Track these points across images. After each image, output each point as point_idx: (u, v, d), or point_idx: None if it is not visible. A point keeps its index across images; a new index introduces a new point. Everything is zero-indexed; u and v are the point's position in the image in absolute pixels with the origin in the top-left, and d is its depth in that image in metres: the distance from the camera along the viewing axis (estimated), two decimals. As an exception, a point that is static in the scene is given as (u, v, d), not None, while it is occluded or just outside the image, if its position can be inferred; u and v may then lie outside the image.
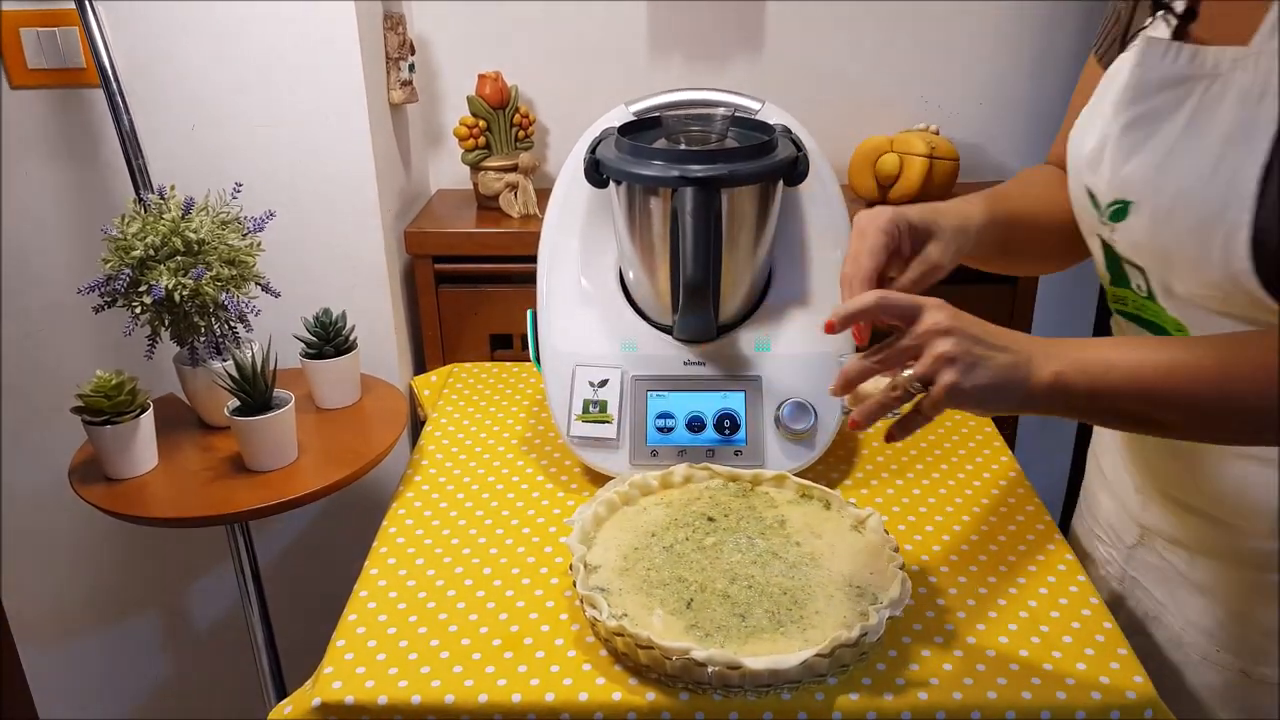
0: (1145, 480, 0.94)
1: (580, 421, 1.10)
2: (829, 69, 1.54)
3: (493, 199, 1.50)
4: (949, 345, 0.73)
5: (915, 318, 0.75)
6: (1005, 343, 0.75)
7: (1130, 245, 0.82)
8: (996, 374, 0.73)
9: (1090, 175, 0.84)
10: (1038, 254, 0.99)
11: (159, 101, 1.31)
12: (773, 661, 0.78)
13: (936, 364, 0.73)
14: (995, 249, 0.93)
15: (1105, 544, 1.03)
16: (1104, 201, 0.82)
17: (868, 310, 0.77)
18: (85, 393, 1.09)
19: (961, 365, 0.73)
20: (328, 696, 0.82)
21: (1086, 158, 0.84)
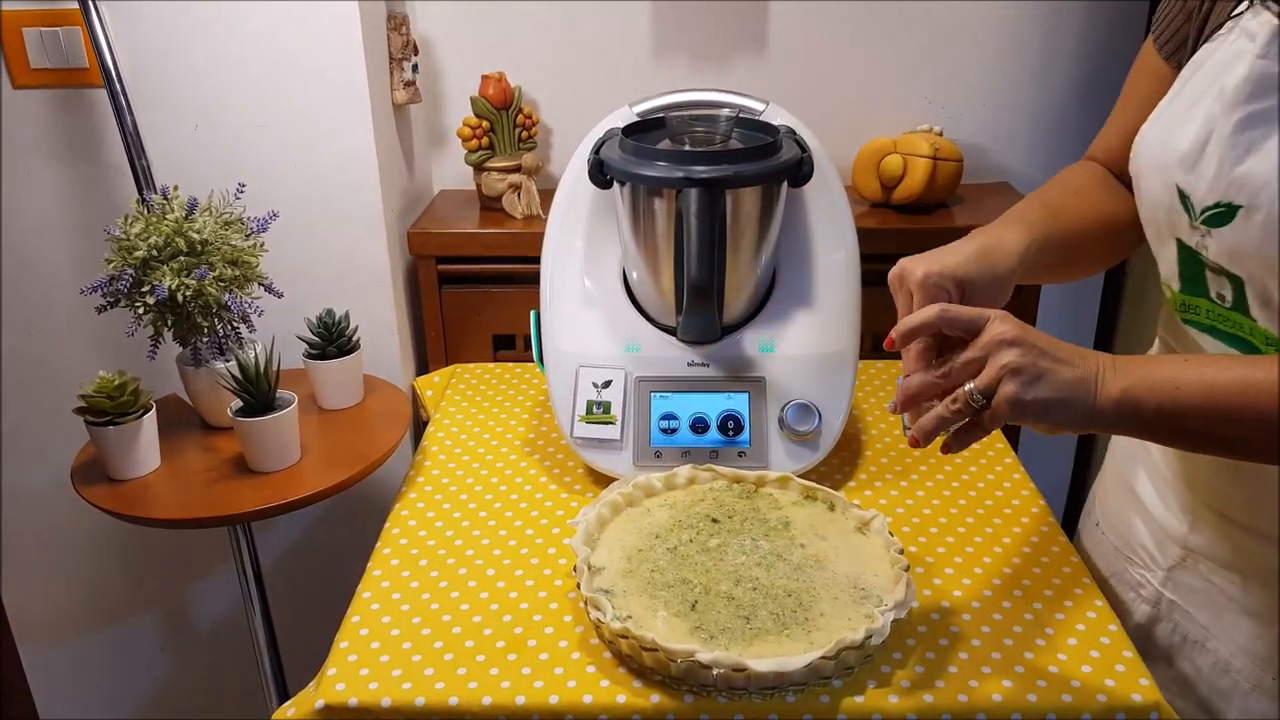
0: (1196, 500, 0.90)
1: (583, 423, 1.10)
2: (833, 70, 1.54)
3: (496, 200, 1.50)
4: (1013, 356, 0.71)
5: (979, 329, 0.74)
6: (1072, 357, 0.73)
7: (1228, 252, 0.76)
8: (1061, 388, 0.71)
9: (1185, 175, 0.78)
10: (1084, 265, 0.96)
11: (162, 101, 1.31)
12: (778, 664, 0.78)
13: (1000, 374, 0.72)
14: (1041, 272, 0.90)
15: (1138, 565, 0.98)
16: (1202, 204, 0.77)
17: (929, 324, 0.75)
18: (88, 393, 1.09)
19: (1025, 377, 0.71)
20: (331, 698, 0.82)
21: (1180, 156, 0.78)
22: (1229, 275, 0.78)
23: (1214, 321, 0.82)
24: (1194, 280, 0.82)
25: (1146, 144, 0.84)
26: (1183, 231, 0.80)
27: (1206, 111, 0.76)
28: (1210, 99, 0.76)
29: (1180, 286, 0.84)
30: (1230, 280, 0.78)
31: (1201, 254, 0.79)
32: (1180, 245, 0.82)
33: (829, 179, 1.13)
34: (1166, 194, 0.80)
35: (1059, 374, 0.72)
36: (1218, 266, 0.78)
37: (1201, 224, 0.78)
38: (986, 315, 0.74)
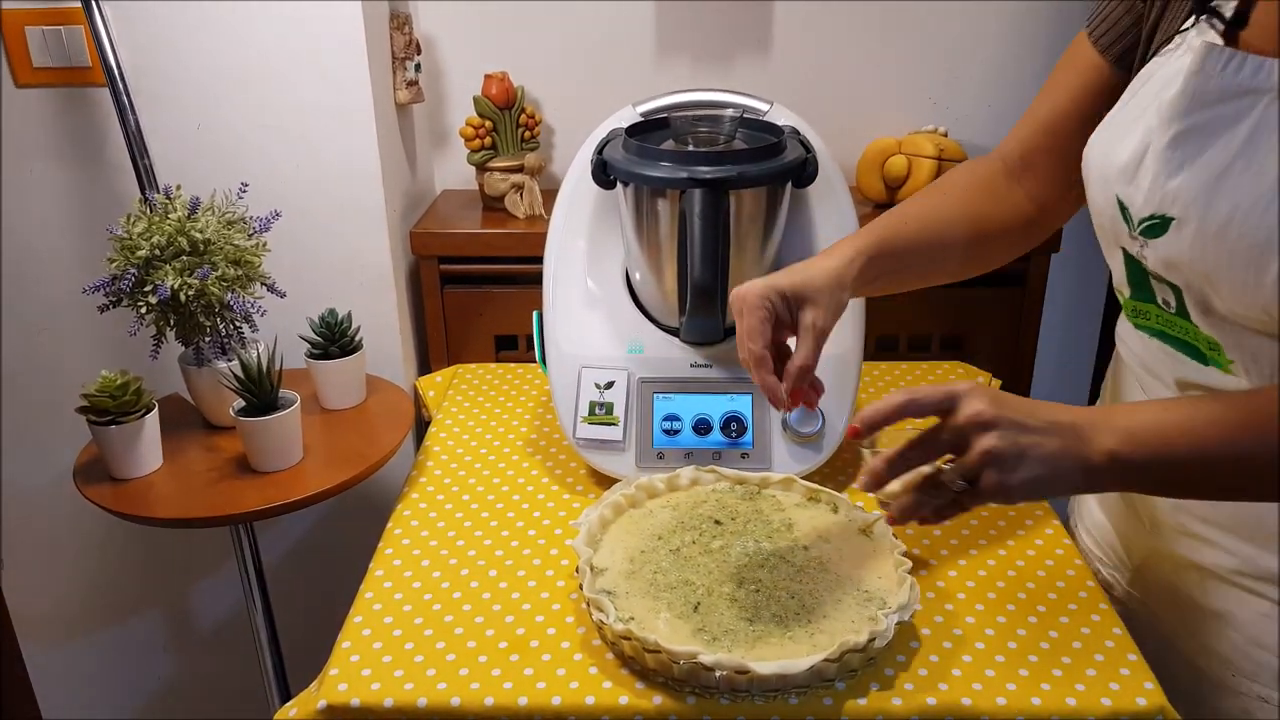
0: (1156, 504, 0.90)
1: (586, 423, 1.09)
2: (837, 70, 1.54)
3: (498, 200, 1.50)
4: (992, 440, 0.69)
5: (952, 409, 0.72)
6: (1051, 425, 0.70)
7: (1164, 262, 0.77)
8: (1046, 465, 0.70)
9: (1124, 186, 0.79)
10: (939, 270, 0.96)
11: (165, 101, 1.31)
12: (781, 666, 0.77)
13: (981, 461, 0.70)
14: (888, 277, 0.91)
15: (1107, 565, 1.00)
16: (1139, 215, 0.78)
17: (896, 411, 0.73)
18: (90, 392, 1.09)
19: (1008, 461, 0.69)
20: (333, 699, 0.82)
21: (1120, 167, 0.79)
22: (1167, 283, 0.79)
23: (1163, 326, 0.83)
24: (1140, 286, 0.84)
25: (1094, 154, 0.84)
26: (1125, 241, 0.82)
27: (1145, 125, 0.77)
28: (1150, 113, 0.77)
29: (1130, 293, 0.86)
30: (1170, 288, 0.79)
31: (1142, 262, 0.80)
32: (1125, 254, 0.83)
33: (833, 180, 1.13)
34: (1108, 205, 0.82)
35: (1040, 449, 0.70)
36: (1156, 275, 0.80)
37: (1139, 234, 0.79)
38: (956, 393, 0.72)
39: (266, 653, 1.33)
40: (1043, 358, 1.55)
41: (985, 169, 0.97)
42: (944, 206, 0.94)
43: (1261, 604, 0.83)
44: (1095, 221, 0.87)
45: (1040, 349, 1.52)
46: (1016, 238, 0.97)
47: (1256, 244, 0.69)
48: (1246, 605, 0.84)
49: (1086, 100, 0.90)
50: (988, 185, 0.96)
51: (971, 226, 0.94)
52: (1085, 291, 1.69)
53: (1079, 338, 1.73)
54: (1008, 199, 0.96)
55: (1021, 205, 0.96)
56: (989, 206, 0.95)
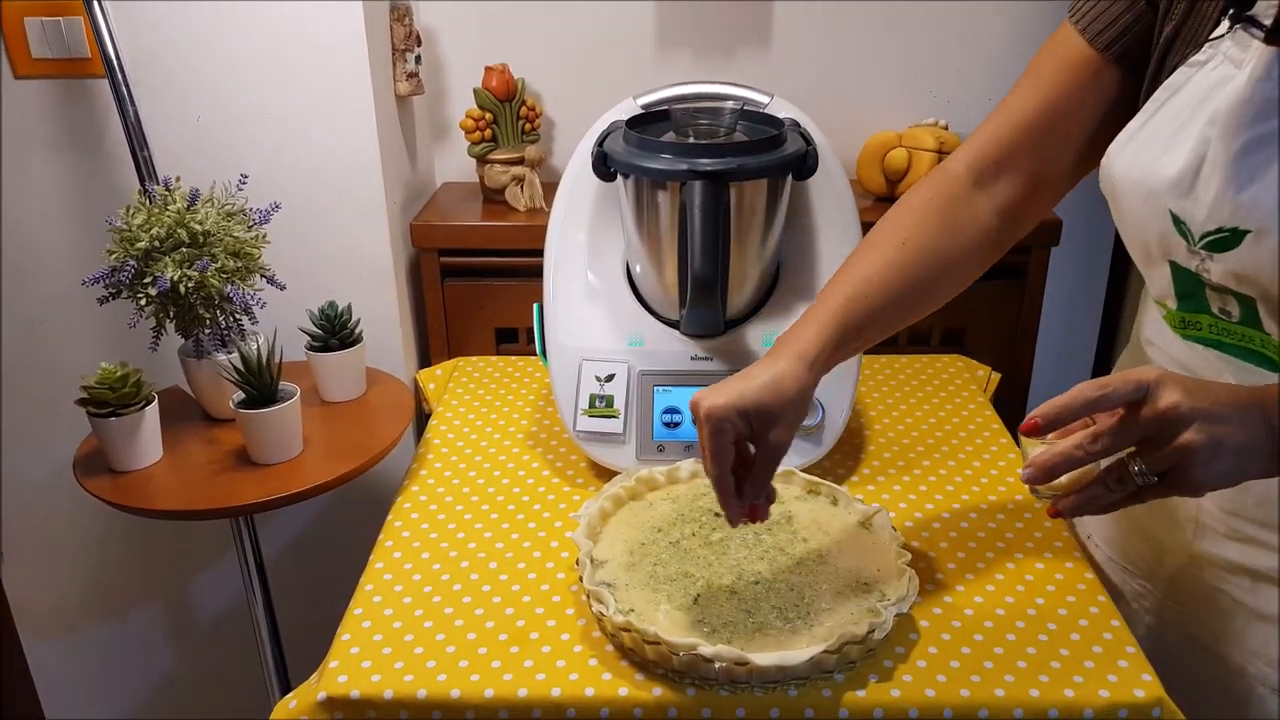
0: (1202, 508, 0.87)
1: (586, 416, 1.10)
2: (838, 63, 1.54)
3: (499, 192, 1.50)
4: (1190, 435, 0.67)
5: (1143, 400, 0.68)
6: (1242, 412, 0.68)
7: (1233, 274, 0.74)
8: (1240, 452, 0.67)
9: (1178, 201, 0.76)
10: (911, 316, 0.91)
11: (164, 92, 1.30)
12: (780, 658, 0.77)
13: (1178, 455, 0.67)
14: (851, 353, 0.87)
15: (1136, 576, 0.97)
16: (1201, 229, 0.75)
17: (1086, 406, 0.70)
18: (90, 384, 1.09)
19: (1204, 455, 0.67)
20: (333, 691, 0.82)
21: (1172, 181, 0.76)
22: (1235, 294, 0.76)
23: (1219, 336, 0.81)
24: (1193, 298, 0.81)
25: (1122, 168, 0.81)
26: (1179, 255, 0.79)
27: (1198, 136, 0.74)
28: (1200, 123, 0.74)
29: (1178, 305, 0.83)
30: (1237, 298, 0.76)
31: (1203, 275, 0.77)
32: (1175, 266, 0.80)
33: (833, 172, 1.13)
34: (1157, 220, 0.78)
35: (1234, 439, 0.67)
36: (1222, 287, 0.76)
37: (1202, 248, 0.76)
38: (1147, 382, 0.68)
39: (266, 645, 1.34)
40: (1042, 352, 1.55)
41: (942, 194, 0.90)
42: (900, 264, 0.87)
43: None
44: (1134, 235, 0.83)
45: (1040, 343, 1.52)
46: (976, 264, 0.92)
47: None
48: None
49: (1077, 96, 0.87)
50: (946, 215, 0.89)
51: (934, 271, 0.88)
52: (1085, 285, 1.69)
53: (1079, 332, 1.73)
54: (969, 223, 0.90)
55: (984, 222, 0.90)
56: (949, 241, 0.89)
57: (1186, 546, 0.90)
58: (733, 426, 0.79)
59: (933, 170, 0.94)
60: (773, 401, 0.79)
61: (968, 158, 0.92)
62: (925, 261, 0.87)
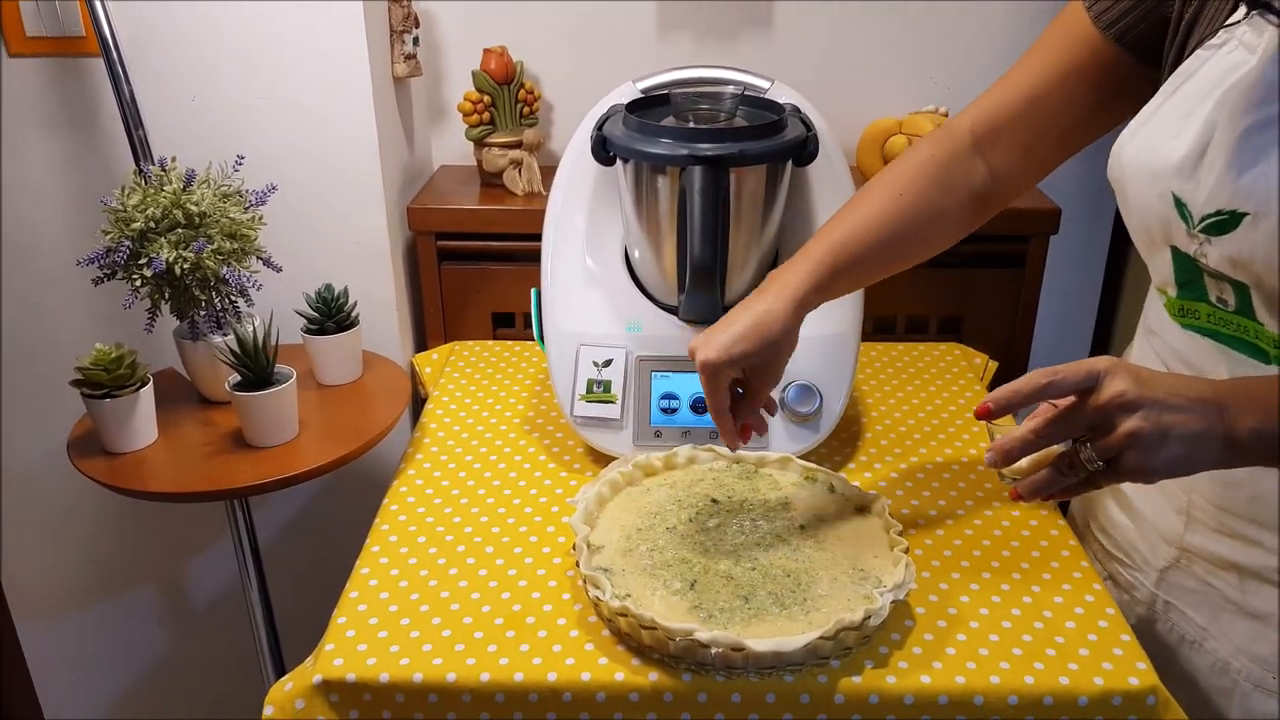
0: (1196, 501, 0.88)
1: (584, 401, 1.09)
2: (839, 49, 1.53)
3: (497, 176, 1.49)
4: (1137, 421, 0.68)
5: (1093, 388, 0.70)
6: (1193, 402, 0.69)
7: (1229, 259, 0.75)
8: (1188, 444, 0.69)
9: (1181, 183, 0.76)
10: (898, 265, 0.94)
11: (160, 71, 1.29)
12: (776, 643, 0.78)
13: (1125, 442, 0.69)
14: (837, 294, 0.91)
15: (1129, 567, 0.97)
16: (1201, 212, 0.75)
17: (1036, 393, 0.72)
18: (84, 365, 1.08)
19: (1150, 441, 0.68)
20: (329, 673, 0.82)
21: (1176, 164, 0.76)
22: (1231, 281, 0.76)
23: (1216, 325, 0.81)
24: (1191, 285, 0.81)
25: (1131, 153, 0.82)
26: (1179, 239, 0.79)
27: (1205, 119, 0.75)
28: (1208, 107, 0.75)
29: (1177, 292, 0.83)
30: (1233, 285, 0.77)
31: (1200, 260, 0.78)
32: (1175, 252, 0.80)
33: (833, 159, 1.12)
34: (1159, 201, 0.79)
35: (1184, 428, 0.69)
36: (1218, 273, 0.77)
37: (1200, 231, 0.76)
38: (1097, 371, 0.70)
39: (261, 628, 1.33)
40: (1039, 340, 1.55)
41: (947, 150, 0.93)
42: (898, 212, 0.90)
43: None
44: (1137, 220, 0.83)
45: (1037, 331, 1.52)
46: (968, 220, 0.95)
47: None
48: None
49: (1073, 74, 0.88)
50: (944, 173, 0.92)
51: (923, 225, 0.92)
52: (1083, 275, 1.69)
53: (1077, 320, 1.72)
54: (966, 181, 0.93)
55: (979, 183, 0.93)
56: (942, 198, 0.92)
57: (1178, 540, 0.90)
58: (725, 373, 0.85)
59: (939, 126, 0.97)
60: (758, 346, 0.85)
61: (970, 120, 0.95)
62: (917, 215, 0.91)
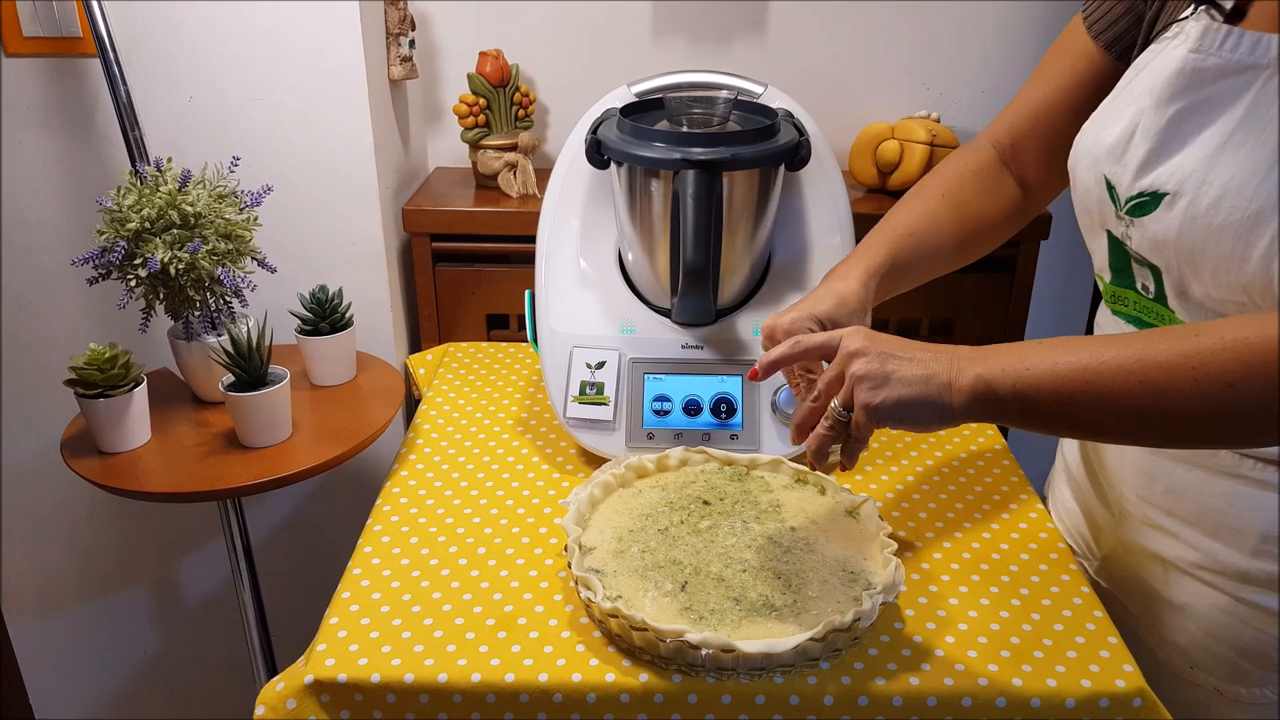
0: (1123, 494, 0.92)
1: (577, 403, 1.10)
2: (832, 54, 1.53)
3: (492, 178, 1.49)
4: (860, 365, 0.75)
5: (834, 349, 0.78)
6: (923, 354, 0.75)
7: (1150, 241, 0.78)
8: (910, 384, 0.74)
9: (1111, 165, 0.80)
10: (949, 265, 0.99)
11: (156, 72, 1.29)
12: (766, 645, 0.78)
13: (852, 384, 0.76)
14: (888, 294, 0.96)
15: (1077, 554, 1.01)
16: (1126, 194, 0.79)
17: (786, 356, 0.81)
18: (78, 365, 1.08)
19: (872, 381, 0.75)
20: (320, 674, 0.82)
21: (1108, 147, 0.81)
22: (1150, 266, 0.80)
23: (1139, 313, 0.84)
24: (1122, 272, 0.84)
25: (1084, 139, 0.86)
26: (1110, 222, 0.83)
27: (1136, 105, 0.78)
28: (1143, 92, 0.78)
29: (1111, 278, 0.86)
30: (1151, 271, 0.80)
31: (1126, 244, 0.81)
32: (1110, 237, 0.84)
33: (826, 163, 1.13)
34: (1096, 185, 0.83)
35: (905, 371, 0.75)
36: (1140, 257, 0.80)
37: (1126, 214, 0.80)
38: (838, 335, 0.78)
39: (253, 628, 1.33)
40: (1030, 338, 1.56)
41: (979, 161, 0.99)
42: (942, 213, 0.96)
43: (1220, 598, 0.84)
44: (1080, 205, 0.87)
45: (1028, 335, 1.53)
46: (1007, 226, 1.00)
47: (1247, 217, 0.70)
48: (1205, 599, 0.85)
49: (1077, 88, 0.92)
50: (982, 180, 0.98)
51: (968, 227, 0.97)
52: (1073, 279, 1.69)
53: (1066, 324, 1.73)
54: (999, 190, 0.98)
55: (1011, 192, 0.98)
56: (982, 202, 0.97)
57: (1113, 531, 0.94)
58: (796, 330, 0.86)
59: (966, 144, 1.03)
60: (838, 311, 0.88)
61: (990, 138, 1.01)
62: (961, 214, 0.96)
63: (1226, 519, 0.82)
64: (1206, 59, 0.73)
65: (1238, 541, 0.82)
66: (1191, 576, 0.86)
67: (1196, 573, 0.86)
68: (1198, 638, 0.87)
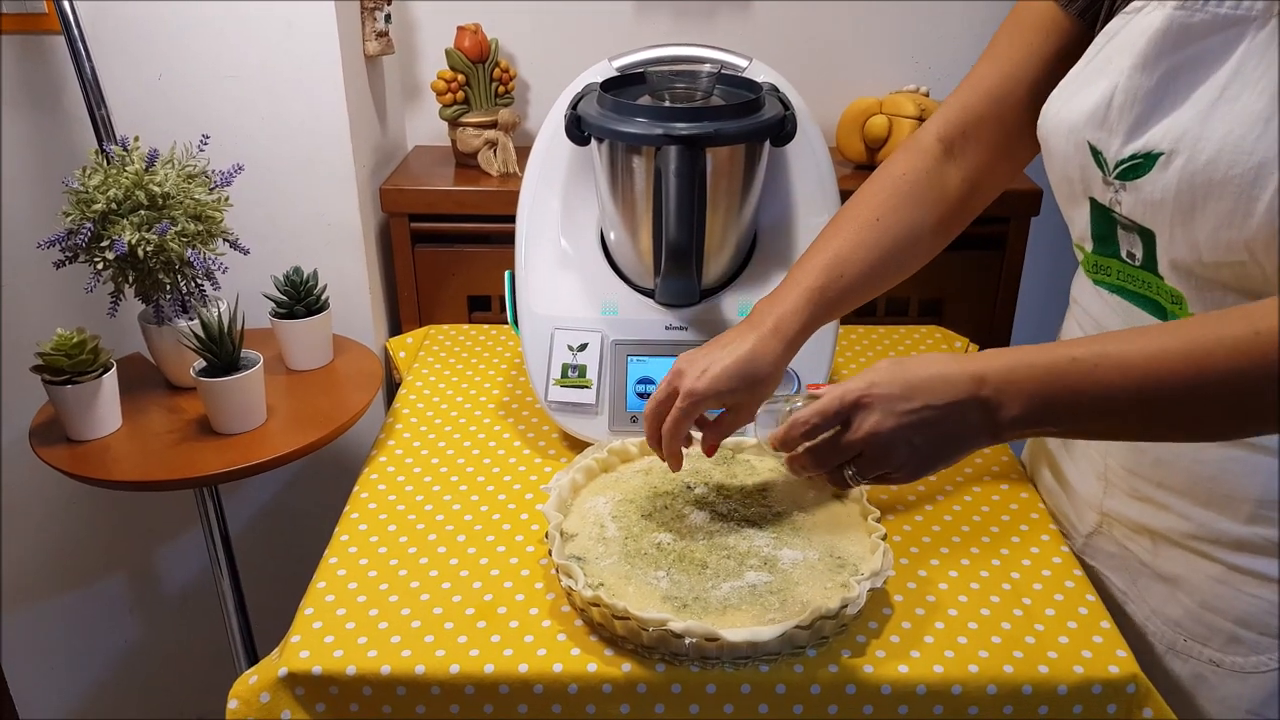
0: (1109, 467, 0.90)
1: (559, 386, 1.08)
2: (819, 27, 1.51)
3: (471, 156, 1.46)
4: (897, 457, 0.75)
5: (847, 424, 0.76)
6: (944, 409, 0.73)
7: (1144, 204, 0.76)
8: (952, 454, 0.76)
9: (1095, 131, 0.78)
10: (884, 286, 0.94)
11: (123, 49, 1.26)
12: (751, 633, 0.76)
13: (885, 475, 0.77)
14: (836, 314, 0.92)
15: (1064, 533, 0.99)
16: (1115, 158, 0.77)
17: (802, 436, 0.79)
18: (45, 351, 1.05)
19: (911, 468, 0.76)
20: (294, 666, 0.80)
21: (1089, 113, 0.79)
22: (1140, 231, 0.78)
23: (1123, 281, 0.83)
24: (1105, 240, 0.83)
25: (1053, 109, 0.84)
26: (1096, 189, 0.81)
27: (1116, 68, 0.77)
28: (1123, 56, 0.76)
29: (1093, 247, 0.85)
30: (1141, 236, 0.78)
31: (1114, 210, 0.80)
32: (1094, 204, 0.82)
33: (812, 139, 1.11)
34: (1078, 152, 0.81)
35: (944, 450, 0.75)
36: (1130, 222, 0.79)
37: (1115, 179, 0.78)
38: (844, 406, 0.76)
39: (233, 617, 1.31)
40: (1020, 322, 1.54)
41: (915, 168, 0.92)
42: (876, 240, 0.90)
43: (1214, 568, 0.83)
44: (1059, 175, 0.85)
45: (1018, 313, 1.51)
46: (947, 231, 0.95)
47: (1248, 170, 0.68)
48: (1198, 569, 0.84)
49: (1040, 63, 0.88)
50: (918, 190, 0.92)
51: (904, 245, 0.91)
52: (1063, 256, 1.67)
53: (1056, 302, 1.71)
54: (939, 197, 0.92)
55: (953, 193, 0.93)
56: (920, 215, 0.91)
57: (1099, 505, 0.93)
58: (706, 404, 0.84)
59: (905, 141, 0.96)
60: (747, 380, 0.84)
61: (937, 128, 0.94)
62: (896, 237, 0.91)
63: (1219, 486, 0.81)
64: (1193, 15, 0.72)
65: (1231, 509, 0.81)
66: (1182, 548, 0.85)
67: (1188, 543, 0.84)
68: (1191, 609, 0.85)
